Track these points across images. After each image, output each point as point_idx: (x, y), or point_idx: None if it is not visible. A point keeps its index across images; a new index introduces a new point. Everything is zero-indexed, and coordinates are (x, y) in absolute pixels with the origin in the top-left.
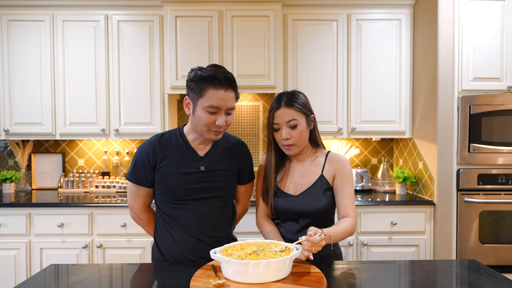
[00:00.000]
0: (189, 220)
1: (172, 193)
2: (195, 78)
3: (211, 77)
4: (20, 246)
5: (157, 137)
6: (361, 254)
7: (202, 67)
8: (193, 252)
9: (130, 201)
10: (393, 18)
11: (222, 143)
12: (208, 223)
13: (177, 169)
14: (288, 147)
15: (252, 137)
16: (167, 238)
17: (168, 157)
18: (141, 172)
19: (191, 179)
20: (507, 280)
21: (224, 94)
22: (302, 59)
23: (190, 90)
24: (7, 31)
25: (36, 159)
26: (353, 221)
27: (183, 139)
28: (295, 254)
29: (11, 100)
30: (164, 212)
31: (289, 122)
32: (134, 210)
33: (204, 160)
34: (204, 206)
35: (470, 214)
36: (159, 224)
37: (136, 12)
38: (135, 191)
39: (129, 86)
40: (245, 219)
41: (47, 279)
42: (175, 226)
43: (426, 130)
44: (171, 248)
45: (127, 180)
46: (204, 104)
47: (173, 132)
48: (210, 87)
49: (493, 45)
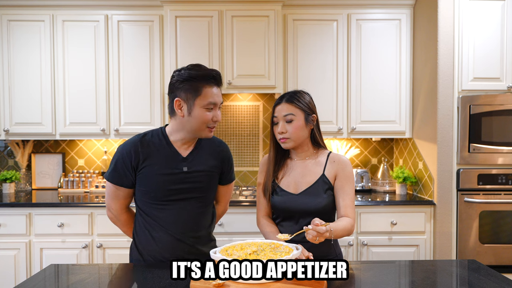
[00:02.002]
0: (170, 220)
1: (154, 194)
2: (188, 78)
3: (205, 75)
4: (20, 246)
5: (139, 137)
6: (361, 254)
7: (185, 68)
8: (173, 252)
9: (108, 202)
10: (393, 18)
11: (205, 144)
12: (189, 223)
13: (160, 170)
14: (283, 140)
15: (252, 137)
16: (147, 238)
17: (151, 158)
18: (122, 172)
19: (173, 180)
20: (507, 280)
21: (217, 90)
22: (302, 59)
23: (183, 91)
24: (7, 31)
25: (36, 159)
26: (352, 221)
27: (166, 140)
28: (295, 254)
29: (11, 100)
30: (145, 212)
31: (285, 116)
32: (112, 211)
33: (187, 161)
34: (185, 207)
35: (470, 214)
36: (139, 224)
37: (136, 12)
38: (114, 191)
39: (129, 86)
40: (245, 219)
41: (47, 279)
42: (156, 226)
43: (426, 130)
44: (150, 249)
45: (106, 181)
46: (203, 102)
47: (156, 132)
48: (205, 85)
49: (493, 45)
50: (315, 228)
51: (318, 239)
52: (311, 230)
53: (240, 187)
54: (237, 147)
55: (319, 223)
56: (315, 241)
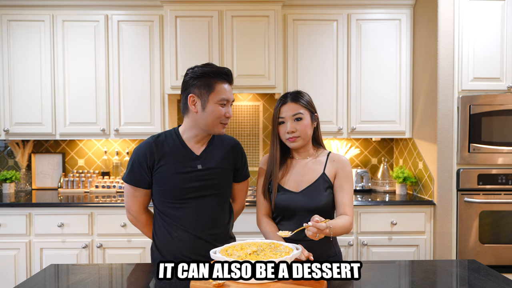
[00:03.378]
0: (188, 218)
1: (171, 193)
2: (202, 75)
3: (218, 72)
4: (20, 246)
5: (153, 138)
6: (361, 254)
7: (200, 65)
8: (192, 250)
9: (128, 203)
10: (393, 18)
11: (217, 141)
12: (207, 221)
13: (175, 169)
14: (293, 139)
15: (252, 137)
16: (166, 238)
17: (166, 158)
18: (139, 173)
19: (189, 178)
20: (507, 280)
21: (229, 87)
22: (302, 59)
23: (197, 87)
24: (7, 31)
25: (36, 159)
26: (350, 219)
27: (179, 139)
28: (295, 254)
29: (11, 100)
30: (163, 212)
31: (294, 115)
32: (131, 212)
33: (200, 158)
34: (203, 204)
35: (470, 214)
36: (158, 224)
37: (136, 12)
38: (133, 193)
39: (129, 86)
40: (245, 219)
41: (47, 279)
42: (174, 225)
43: (426, 130)
44: (170, 248)
45: (124, 182)
46: (216, 98)
47: (169, 133)
48: (218, 82)
49: (493, 45)
50: (315, 225)
51: (318, 236)
52: (311, 227)
53: None
54: None
55: (319, 219)
56: (315, 237)
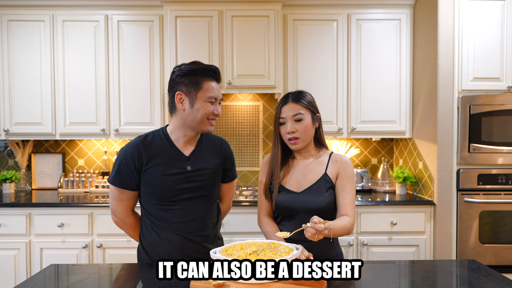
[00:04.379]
0: (177, 220)
1: (160, 195)
2: (189, 72)
3: (206, 70)
4: (20, 246)
5: (140, 138)
6: (361, 254)
7: (187, 63)
8: (181, 252)
9: (113, 205)
10: (393, 18)
11: (206, 142)
12: (196, 223)
13: (164, 170)
14: (294, 141)
15: (252, 137)
16: (154, 240)
17: (154, 159)
18: (126, 175)
19: (178, 179)
20: (507, 280)
21: (217, 85)
22: (302, 59)
23: (184, 85)
24: (7, 31)
25: (36, 159)
26: (352, 220)
27: (168, 140)
28: (295, 254)
29: (11, 100)
30: (151, 214)
31: (294, 116)
32: (117, 214)
33: (190, 159)
34: (192, 206)
35: (470, 214)
36: (145, 226)
37: (136, 12)
38: (119, 195)
39: (129, 86)
40: (245, 219)
41: (47, 279)
42: (163, 227)
43: (426, 130)
44: (159, 249)
45: (110, 184)
46: (205, 96)
47: (157, 133)
48: (206, 80)
49: (493, 45)
50: (313, 226)
51: (317, 237)
52: (310, 228)
53: (240, 187)
54: (237, 147)
55: (317, 221)
56: (314, 238)
